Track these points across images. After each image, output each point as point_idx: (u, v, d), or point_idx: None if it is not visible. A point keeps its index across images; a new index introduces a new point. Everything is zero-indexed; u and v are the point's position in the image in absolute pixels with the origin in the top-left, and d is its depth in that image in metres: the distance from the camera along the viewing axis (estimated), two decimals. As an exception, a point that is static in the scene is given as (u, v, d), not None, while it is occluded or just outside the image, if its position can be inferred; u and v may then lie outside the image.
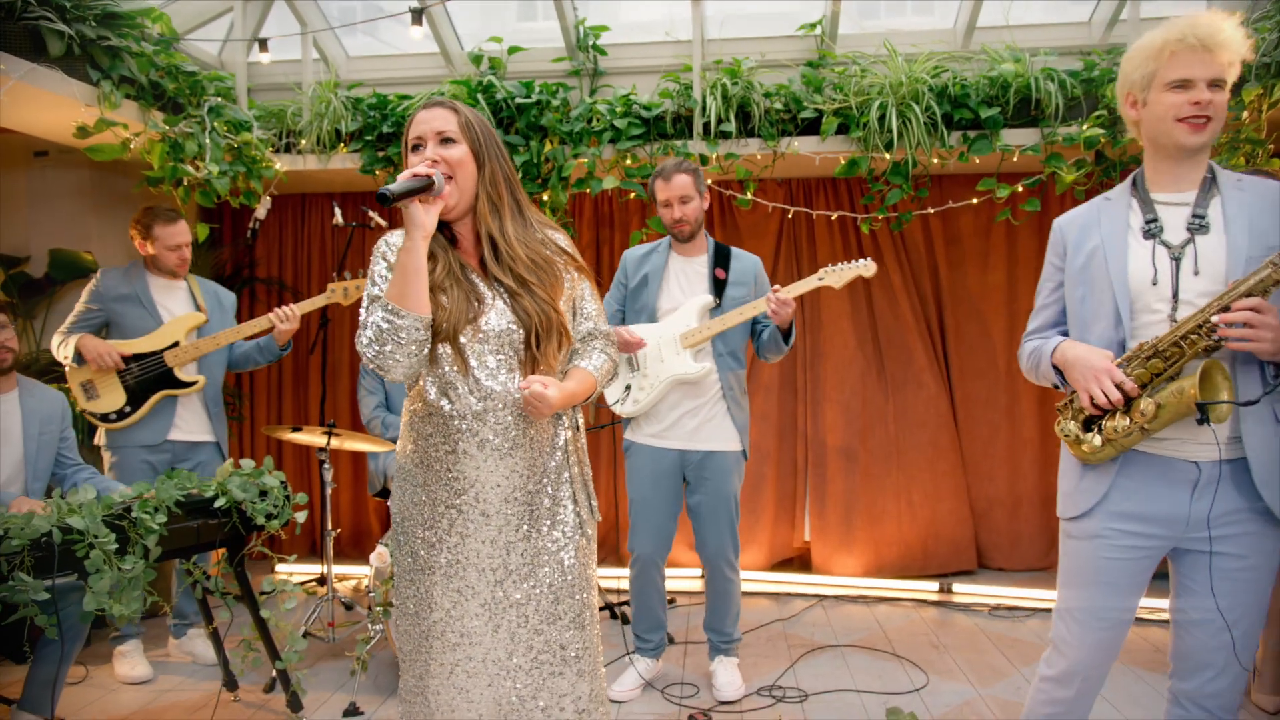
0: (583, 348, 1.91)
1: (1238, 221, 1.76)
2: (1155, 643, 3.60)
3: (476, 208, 1.79)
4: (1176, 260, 1.80)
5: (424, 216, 1.68)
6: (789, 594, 4.44)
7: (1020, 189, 4.02)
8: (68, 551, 2.31)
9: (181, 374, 3.39)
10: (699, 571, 4.83)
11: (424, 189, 1.67)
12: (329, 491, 3.56)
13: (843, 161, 4.05)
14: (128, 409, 3.35)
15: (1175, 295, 1.79)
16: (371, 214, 4.29)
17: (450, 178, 1.74)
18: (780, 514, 4.78)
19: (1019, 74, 3.90)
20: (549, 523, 1.81)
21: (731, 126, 4.03)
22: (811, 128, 4.10)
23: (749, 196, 4.26)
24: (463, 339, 1.75)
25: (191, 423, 3.46)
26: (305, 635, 3.49)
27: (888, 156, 3.95)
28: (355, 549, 5.18)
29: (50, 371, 4.15)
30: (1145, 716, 2.91)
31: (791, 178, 4.60)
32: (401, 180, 1.65)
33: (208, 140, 3.64)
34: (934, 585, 4.43)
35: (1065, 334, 2.01)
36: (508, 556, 1.78)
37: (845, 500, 4.64)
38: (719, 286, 3.14)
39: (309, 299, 3.50)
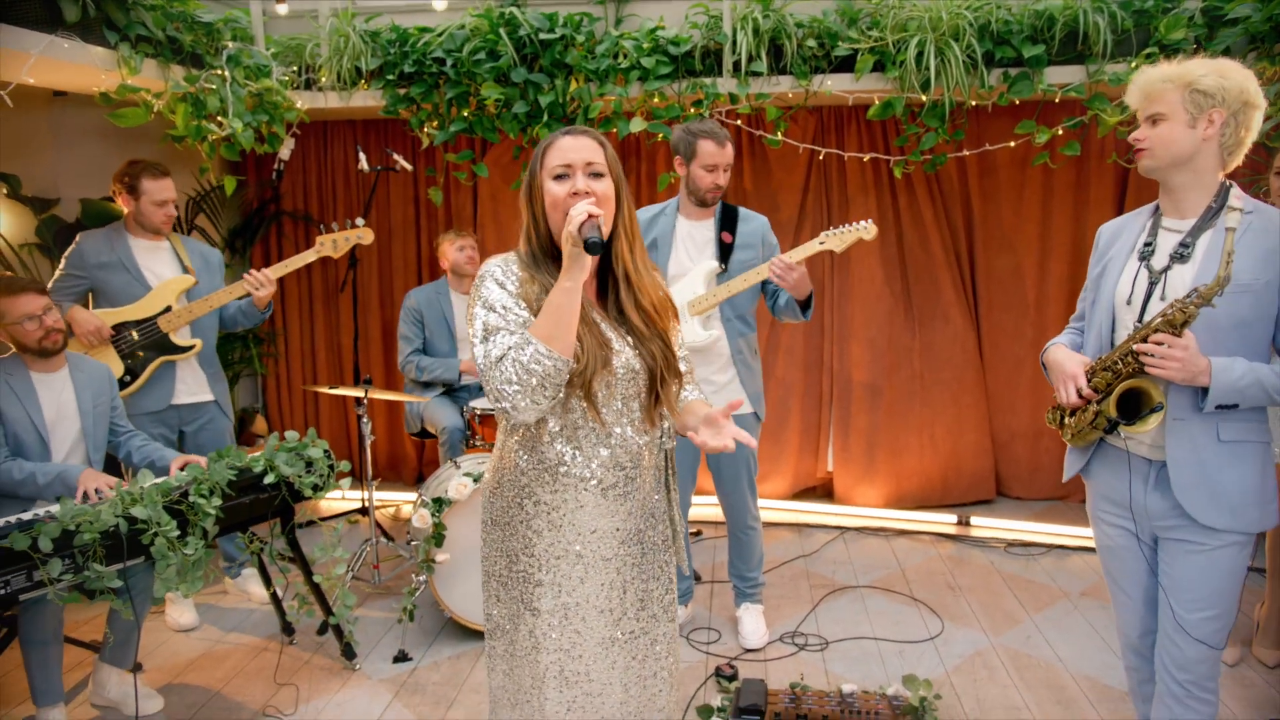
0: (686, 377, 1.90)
1: (1216, 254, 1.91)
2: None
3: (613, 244, 1.75)
4: (1153, 284, 1.99)
5: (585, 260, 1.60)
6: (811, 525, 4.60)
7: (1060, 131, 3.89)
8: (134, 538, 2.46)
9: (177, 339, 3.42)
10: (714, 499, 5.01)
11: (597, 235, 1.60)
12: (368, 444, 3.69)
13: (877, 102, 3.92)
14: (127, 378, 3.38)
15: (1141, 316, 1.99)
16: (396, 157, 4.25)
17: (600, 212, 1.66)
18: (804, 445, 4.89)
19: (1067, 6, 3.71)
20: (655, 557, 1.86)
21: (763, 65, 3.89)
22: (846, 65, 3.95)
23: (779, 137, 4.15)
24: (595, 386, 1.70)
25: (192, 384, 3.52)
26: (352, 578, 3.70)
27: (924, 98, 3.81)
28: (391, 471, 5.39)
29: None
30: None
31: (823, 106, 4.46)
32: (592, 224, 1.58)
33: (229, 93, 3.58)
34: (952, 518, 4.57)
35: None
36: (624, 595, 1.80)
37: (868, 434, 4.73)
38: (725, 251, 3.13)
39: (292, 257, 3.51)
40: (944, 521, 4.57)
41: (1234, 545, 1.96)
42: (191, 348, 3.45)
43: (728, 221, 3.15)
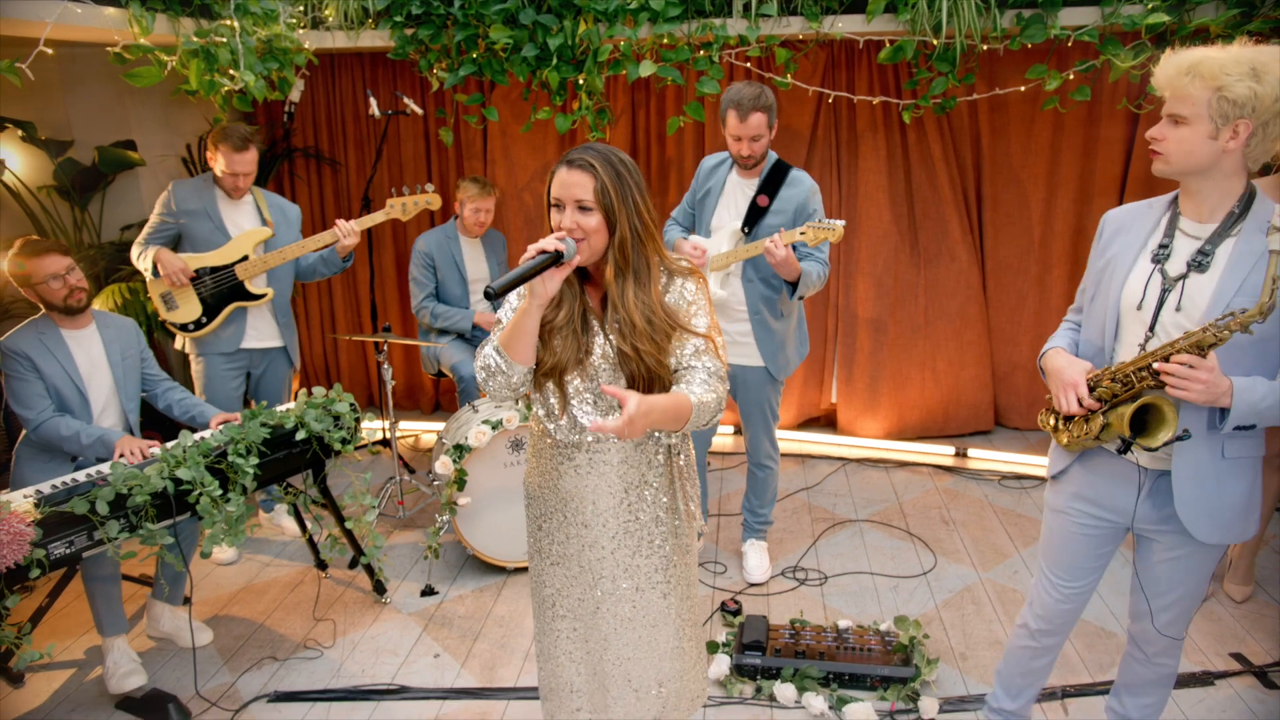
0: (685, 374, 1.89)
1: (1237, 267, 1.81)
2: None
3: (604, 268, 1.86)
4: (1166, 291, 1.89)
5: (542, 287, 1.76)
6: (814, 455, 4.80)
7: (1071, 76, 3.87)
8: (180, 498, 2.65)
9: (251, 286, 3.58)
10: (730, 430, 5.20)
11: (548, 265, 1.73)
12: (389, 389, 3.85)
13: (888, 46, 3.89)
14: (204, 319, 3.59)
15: (1152, 325, 1.90)
16: (407, 101, 4.26)
17: (582, 240, 1.80)
18: (809, 377, 5.04)
19: (1084, -56, 3.64)
20: (642, 537, 2.03)
21: (773, 6, 3.86)
22: (857, 5, 3.91)
23: (789, 79, 4.13)
24: (568, 378, 1.91)
25: (264, 330, 3.70)
26: (379, 514, 3.93)
27: (935, 41, 3.79)
28: (408, 400, 5.58)
29: (116, 268, 4.36)
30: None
31: (833, 41, 4.41)
32: (523, 262, 1.72)
33: (239, 43, 3.59)
34: (950, 450, 4.76)
35: None
36: (604, 559, 2.02)
37: (871, 368, 4.87)
38: (756, 213, 3.19)
39: (368, 215, 3.62)
40: (942, 454, 4.76)
41: (1214, 552, 2.02)
42: (264, 295, 3.62)
43: (771, 183, 3.18)
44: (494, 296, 1.70)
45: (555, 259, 1.73)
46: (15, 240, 3.68)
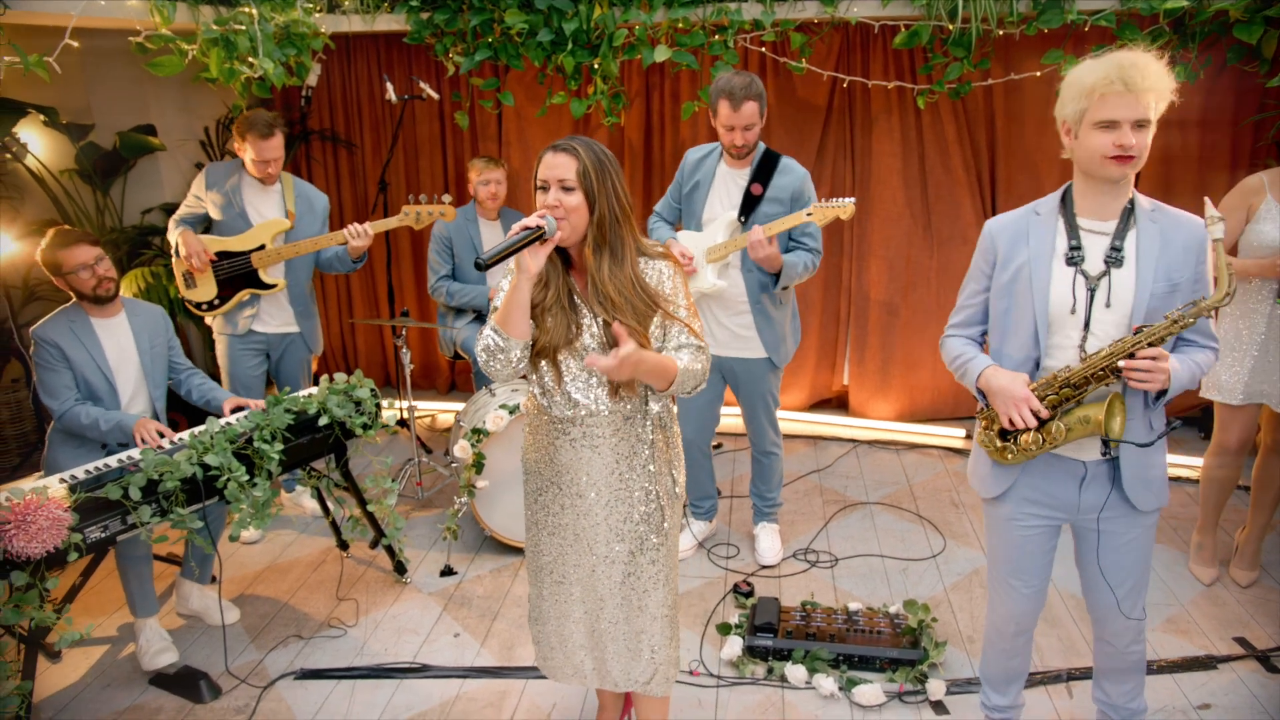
0: (673, 354, 2.04)
1: (1148, 257, 1.93)
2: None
3: (585, 245, 2.00)
4: (1092, 291, 1.97)
5: (529, 261, 1.91)
6: (825, 437, 4.85)
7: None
8: (209, 483, 2.73)
9: (265, 276, 3.65)
10: (739, 410, 5.25)
11: (532, 240, 1.88)
12: (407, 373, 3.92)
13: (904, 31, 3.89)
14: (216, 301, 3.68)
15: (1087, 325, 1.98)
16: (423, 85, 4.28)
17: (563, 219, 1.94)
18: (822, 359, 5.08)
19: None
20: (633, 504, 2.16)
21: (789, -10, 3.86)
22: (873, -12, 3.90)
23: (803, 64, 4.13)
24: (560, 355, 2.07)
25: (276, 317, 3.78)
26: (398, 495, 4.01)
27: (951, 26, 3.78)
28: (425, 380, 5.66)
29: (138, 252, 4.42)
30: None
31: (848, 23, 4.40)
32: (508, 237, 1.88)
33: (258, 30, 3.62)
34: (961, 431, 4.80)
35: (985, 333, 2.22)
36: (597, 525, 2.17)
37: (883, 350, 4.91)
38: (751, 202, 3.20)
39: (383, 219, 3.67)
40: (953, 436, 4.80)
41: (1153, 524, 2.14)
42: (275, 286, 3.69)
43: (763, 172, 3.19)
44: (484, 267, 1.84)
45: (538, 235, 1.88)
46: (45, 226, 3.76)
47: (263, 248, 3.61)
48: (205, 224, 3.67)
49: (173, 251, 3.63)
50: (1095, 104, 1.85)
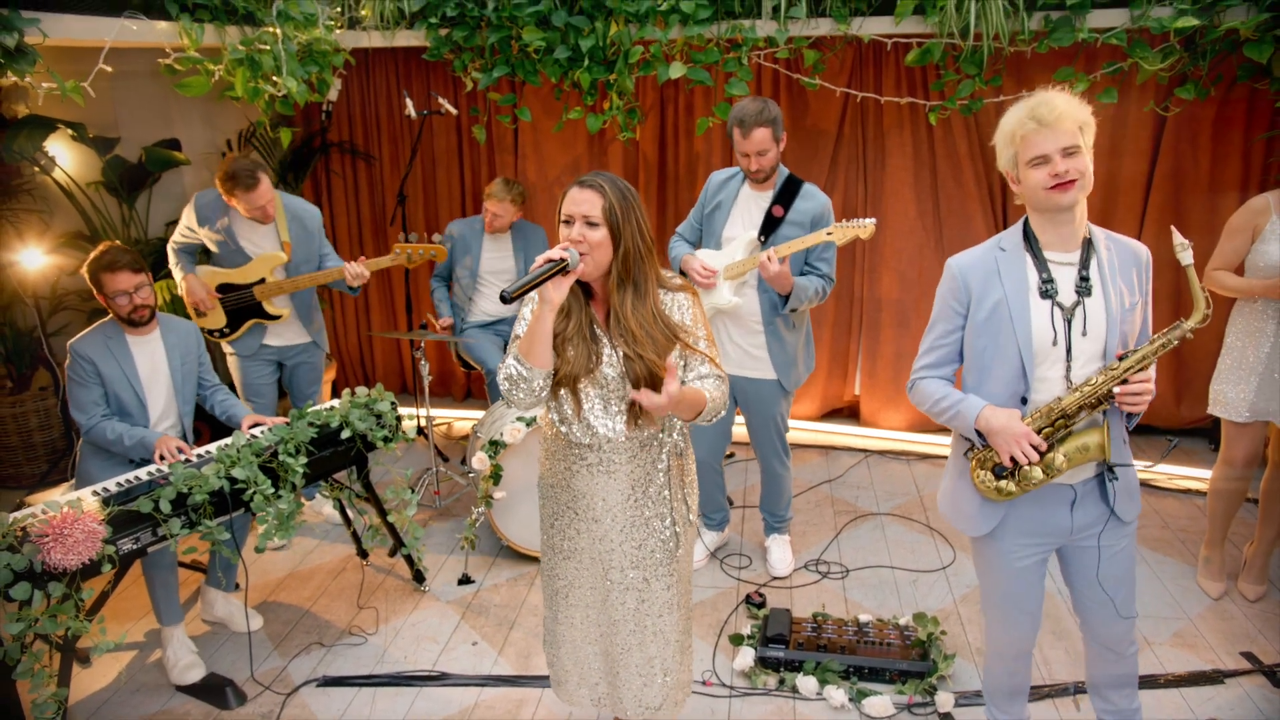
0: (698, 383, 2.11)
1: (1113, 282, 2.04)
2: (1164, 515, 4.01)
3: (608, 279, 2.06)
4: (1068, 321, 2.04)
5: (553, 293, 1.95)
6: (837, 447, 4.90)
7: (1098, 77, 3.90)
8: (235, 495, 2.82)
9: (269, 307, 3.77)
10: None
11: (555, 273, 1.93)
12: (425, 384, 4.00)
13: (916, 48, 3.93)
14: (226, 329, 3.81)
15: (1069, 355, 2.05)
16: (442, 101, 4.36)
17: (586, 254, 2.00)
18: (834, 369, 5.13)
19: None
20: (649, 531, 2.21)
21: (802, 8, 3.91)
22: (886, 7, 3.94)
23: (816, 80, 4.19)
24: (580, 384, 2.11)
25: (286, 334, 3.90)
26: (416, 504, 4.08)
27: (963, 44, 3.82)
28: (440, 387, 5.75)
29: (163, 264, 4.51)
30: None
31: (860, 36, 4.45)
32: (533, 270, 1.94)
33: (282, 49, 3.70)
34: (972, 442, 4.83)
35: (953, 373, 2.24)
36: (613, 551, 2.22)
37: (895, 360, 4.95)
38: (771, 224, 3.26)
39: (378, 258, 3.79)
40: (963, 446, 4.83)
41: (1135, 529, 2.22)
42: (280, 316, 3.80)
43: (786, 195, 3.25)
44: (509, 300, 1.88)
45: (561, 267, 1.93)
46: (73, 239, 3.84)
47: (263, 280, 3.71)
48: (203, 250, 3.75)
49: (179, 285, 3.75)
50: (1021, 146, 1.98)
